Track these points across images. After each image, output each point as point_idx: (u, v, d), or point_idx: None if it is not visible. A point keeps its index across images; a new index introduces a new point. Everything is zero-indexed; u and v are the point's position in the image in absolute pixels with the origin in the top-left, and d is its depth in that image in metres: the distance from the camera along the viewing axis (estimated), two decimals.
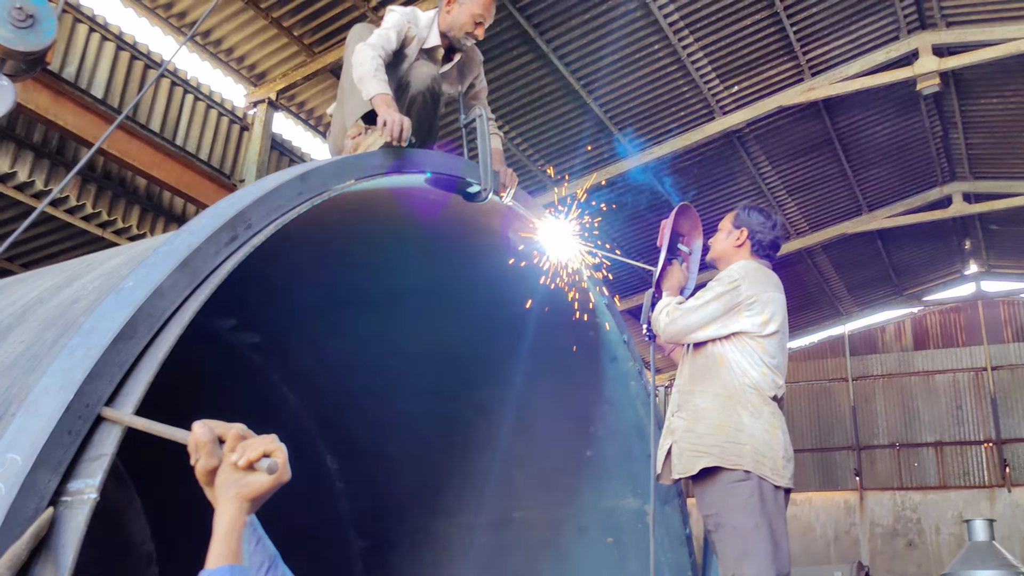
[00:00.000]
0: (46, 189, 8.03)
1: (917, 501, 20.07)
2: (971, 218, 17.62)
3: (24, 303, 2.65)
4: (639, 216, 15.04)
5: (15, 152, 7.84)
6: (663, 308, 3.99)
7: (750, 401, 3.74)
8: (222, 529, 1.70)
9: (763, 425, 3.71)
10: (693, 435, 3.78)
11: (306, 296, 4.36)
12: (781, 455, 3.71)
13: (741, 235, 4.17)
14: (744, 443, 3.66)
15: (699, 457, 3.73)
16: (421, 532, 5.15)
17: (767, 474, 3.65)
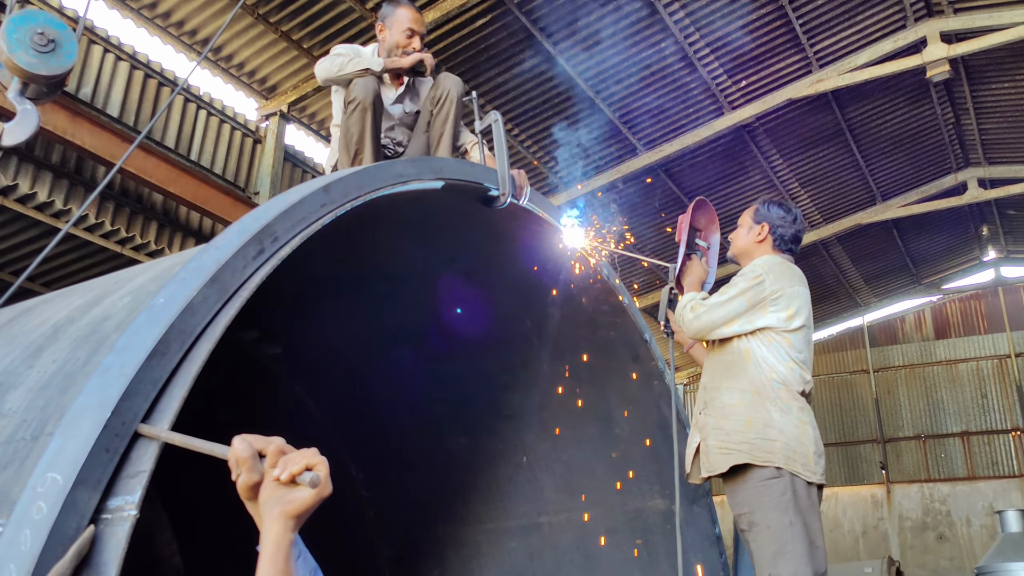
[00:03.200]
0: (65, 209, 8.11)
1: (946, 493, 19.94)
2: (987, 204, 17.53)
3: (55, 322, 2.67)
4: (652, 215, 15.04)
5: (34, 173, 7.94)
6: (687, 304, 3.99)
7: (778, 397, 3.73)
8: (269, 548, 1.70)
9: (792, 421, 3.70)
10: (722, 432, 3.78)
11: (328, 307, 4.38)
12: (812, 451, 3.70)
13: (762, 230, 4.17)
14: (774, 439, 3.65)
15: (729, 455, 3.73)
16: (448, 539, 5.16)
17: (799, 470, 3.63)
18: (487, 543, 5.03)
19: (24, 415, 2.17)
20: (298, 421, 5.02)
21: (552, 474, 4.82)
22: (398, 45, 4.66)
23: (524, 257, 4.22)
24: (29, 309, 3.24)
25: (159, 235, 9.13)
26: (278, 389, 4.95)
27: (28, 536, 1.77)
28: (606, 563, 4.70)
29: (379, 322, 4.53)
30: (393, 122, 4.74)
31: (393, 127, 4.75)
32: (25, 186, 7.80)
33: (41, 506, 1.80)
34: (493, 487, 4.98)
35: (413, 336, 4.61)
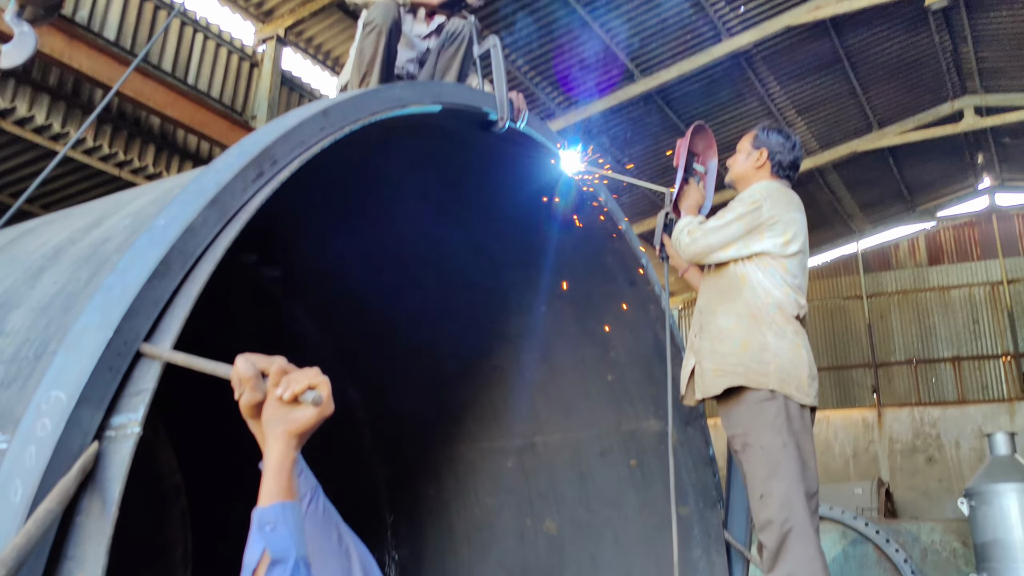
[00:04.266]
0: (63, 131, 8.08)
1: (936, 416, 20.20)
2: (983, 132, 17.44)
3: (55, 244, 2.68)
4: (647, 141, 14.95)
5: (32, 96, 7.90)
6: (684, 228, 3.98)
7: (774, 321, 3.77)
8: (272, 467, 1.74)
9: (787, 344, 3.74)
10: (717, 355, 3.82)
11: (327, 229, 4.38)
12: (806, 374, 3.75)
13: (761, 156, 4.15)
14: (769, 362, 3.69)
15: (724, 377, 3.77)
16: (444, 458, 5.24)
17: (792, 393, 3.68)
18: (482, 462, 5.11)
19: (27, 334, 2.19)
20: (297, 342, 5.06)
21: (547, 396, 4.88)
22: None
23: (521, 182, 4.21)
24: (29, 230, 3.24)
25: (157, 158, 9.10)
26: (277, 311, 4.98)
27: (33, 452, 1.80)
28: (600, 482, 4.78)
29: (377, 245, 4.53)
30: (415, 55, 4.68)
31: (414, 59, 4.68)
32: (23, 109, 7.77)
33: (45, 423, 1.83)
34: (488, 408, 5.05)
35: (410, 260, 4.63)
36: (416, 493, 5.31)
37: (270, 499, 1.72)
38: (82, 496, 1.85)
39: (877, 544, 10.55)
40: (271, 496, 1.72)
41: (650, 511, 4.63)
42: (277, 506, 1.71)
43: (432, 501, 5.26)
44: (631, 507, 4.70)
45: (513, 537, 5.00)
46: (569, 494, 4.88)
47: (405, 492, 5.35)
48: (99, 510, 1.82)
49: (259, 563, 1.67)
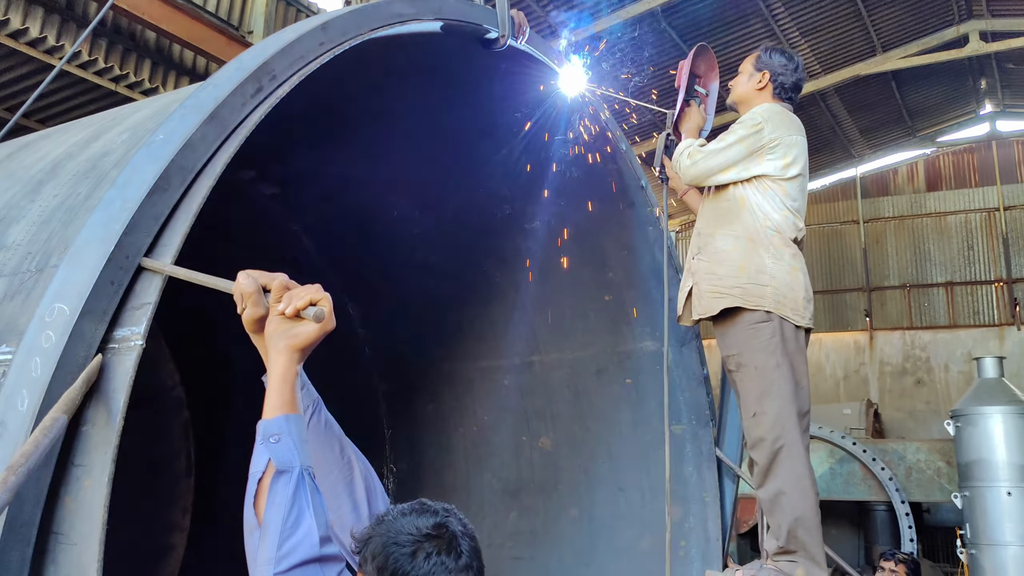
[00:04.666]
0: (58, 45, 7.95)
1: (927, 340, 20.36)
2: (987, 57, 17.18)
3: (54, 158, 2.67)
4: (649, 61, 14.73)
5: (26, 8, 7.73)
6: (684, 150, 3.97)
7: (771, 243, 3.78)
8: (275, 380, 1.77)
9: (784, 267, 3.76)
10: (714, 276, 3.84)
11: (325, 147, 4.35)
12: (802, 296, 3.78)
13: (763, 78, 4.11)
14: (766, 284, 3.72)
15: (721, 298, 3.80)
16: (442, 375, 5.30)
17: (788, 314, 3.72)
18: (480, 379, 5.17)
19: (28, 248, 2.20)
20: (295, 260, 5.07)
21: (545, 316, 4.91)
22: None
23: (521, 101, 4.17)
24: (27, 145, 3.23)
25: (153, 73, 8.96)
26: (276, 228, 4.98)
27: (38, 363, 1.83)
28: (595, 400, 4.84)
29: (376, 164, 4.51)
30: None
31: None
32: (17, 21, 7.62)
33: (50, 335, 1.85)
34: (487, 327, 5.08)
35: (410, 179, 4.61)
36: (415, 409, 5.38)
37: (274, 412, 1.75)
38: (87, 406, 1.88)
39: (863, 462, 10.77)
40: (275, 409, 1.75)
41: (643, 428, 4.71)
42: (281, 418, 1.74)
43: (430, 417, 5.33)
44: (625, 424, 4.77)
45: (509, 452, 5.08)
46: (565, 411, 4.94)
47: (404, 408, 5.42)
48: (104, 420, 1.85)
49: (264, 472, 1.71)
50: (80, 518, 1.83)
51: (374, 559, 1.76)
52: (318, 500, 1.74)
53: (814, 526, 3.68)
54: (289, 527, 1.68)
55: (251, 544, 1.73)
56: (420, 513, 1.83)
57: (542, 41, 4.00)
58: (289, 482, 1.71)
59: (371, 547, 1.78)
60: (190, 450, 5.31)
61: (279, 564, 1.66)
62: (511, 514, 5.06)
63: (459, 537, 1.80)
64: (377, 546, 1.77)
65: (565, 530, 4.88)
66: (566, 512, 4.89)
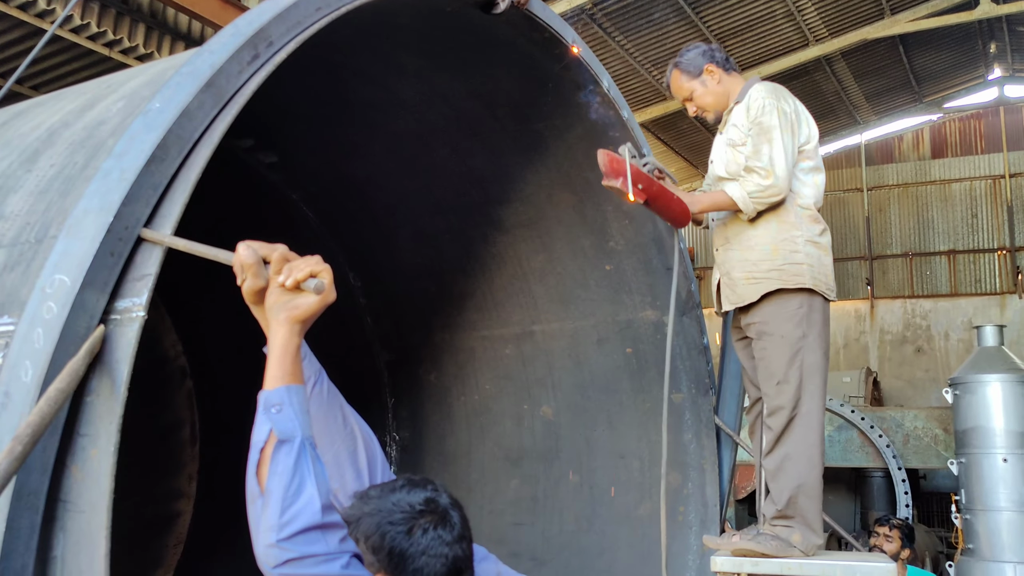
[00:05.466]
0: (48, 8, 7.84)
1: (927, 308, 20.39)
2: (998, 20, 17.00)
3: (49, 126, 2.65)
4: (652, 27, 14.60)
5: None
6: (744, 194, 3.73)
7: (802, 222, 3.79)
8: (276, 352, 1.78)
9: (816, 244, 3.79)
10: (747, 263, 3.83)
11: (322, 115, 4.33)
12: (831, 272, 3.82)
13: (713, 70, 4.03)
14: (801, 263, 3.73)
15: (758, 284, 3.79)
16: (444, 345, 5.31)
17: (822, 290, 3.76)
18: (482, 349, 5.18)
19: (27, 218, 2.19)
20: (295, 229, 5.07)
21: (546, 285, 4.91)
22: None
23: (523, 68, 4.14)
24: (20, 112, 3.21)
25: (147, 38, 8.86)
26: (275, 197, 4.97)
27: (41, 335, 1.83)
28: (596, 369, 4.86)
29: (375, 132, 4.49)
30: None
31: None
32: None
33: (51, 306, 1.85)
34: (488, 296, 5.08)
35: (409, 146, 4.58)
36: (417, 378, 5.40)
37: (275, 382, 1.77)
38: (91, 377, 1.89)
39: (861, 430, 10.86)
40: (276, 380, 1.77)
41: (644, 397, 4.73)
42: (282, 389, 1.76)
43: (432, 386, 5.35)
44: (625, 393, 4.79)
45: (511, 421, 5.11)
46: (566, 380, 4.96)
47: (406, 377, 5.44)
48: (108, 390, 1.86)
49: (266, 442, 1.74)
50: (87, 487, 1.86)
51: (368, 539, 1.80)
52: (319, 469, 1.77)
53: (816, 495, 3.71)
54: (291, 495, 1.71)
55: (254, 512, 1.76)
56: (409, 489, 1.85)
57: (545, 7, 3.96)
58: (291, 451, 1.74)
59: (363, 527, 1.81)
60: (195, 419, 5.34)
61: (281, 531, 1.69)
62: (512, 481, 5.09)
63: (450, 509, 1.84)
64: (370, 526, 1.80)
65: (565, 497, 4.91)
66: (566, 479, 4.92)
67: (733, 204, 3.75)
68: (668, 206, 3.75)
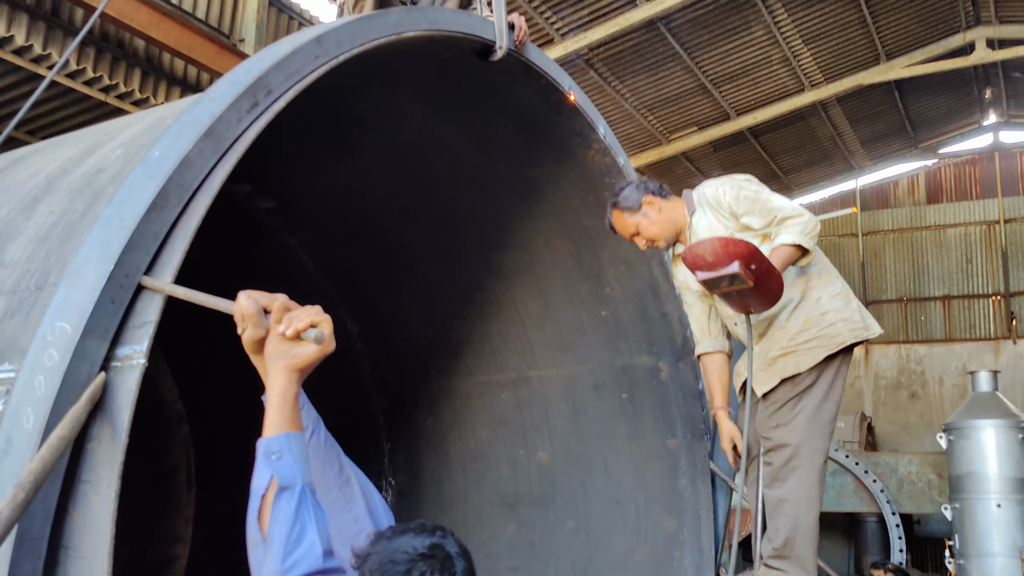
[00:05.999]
0: (45, 54, 7.88)
1: (922, 354, 20.40)
2: (993, 66, 17.20)
3: (48, 173, 2.67)
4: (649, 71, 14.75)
5: (9, 15, 7.64)
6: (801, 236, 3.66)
7: (819, 280, 3.83)
8: (275, 400, 1.79)
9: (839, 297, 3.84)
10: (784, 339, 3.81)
11: (320, 160, 4.36)
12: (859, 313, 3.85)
13: (652, 202, 3.97)
14: (833, 322, 3.76)
15: (801, 356, 3.77)
16: (441, 391, 5.31)
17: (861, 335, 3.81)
18: (478, 394, 5.18)
19: (26, 266, 2.20)
20: (293, 275, 5.07)
21: (543, 331, 4.92)
22: None
23: (520, 114, 4.18)
24: (19, 159, 3.23)
25: (143, 83, 8.91)
26: (272, 243, 4.98)
27: (42, 382, 1.84)
28: (592, 414, 4.86)
29: (372, 177, 4.52)
30: None
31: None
32: (1, 29, 7.55)
33: (52, 354, 1.86)
34: (485, 342, 5.09)
35: (406, 192, 4.61)
36: (413, 423, 5.38)
37: (274, 430, 1.78)
38: (92, 424, 1.90)
39: (856, 474, 10.84)
40: (275, 427, 1.78)
41: (640, 442, 4.72)
42: (282, 436, 1.77)
43: (429, 431, 5.34)
44: (621, 438, 4.79)
45: (507, 466, 5.09)
46: (562, 426, 4.95)
47: (403, 422, 5.42)
48: (110, 437, 1.87)
49: (267, 489, 1.75)
50: (89, 532, 1.87)
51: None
52: (320, 515, 1.79)
53: (812, 536, 3.71)
54: (293, 541, 1.73)
55: (255, 557, 1.78)
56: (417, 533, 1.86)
57: (541, 54, 4.01)
58: (292, 498, 1.76)
59: (368, 564, 1.82)
60: (191, 463, 5.32)
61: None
62: (509, 526, 5.06)
63: (454, 558, 1.84)
64: (374, 563, 1.81)
65: (562, 542, 4.89)
66: (563, 524, 4.90)
67: (797, 250, 3.64)
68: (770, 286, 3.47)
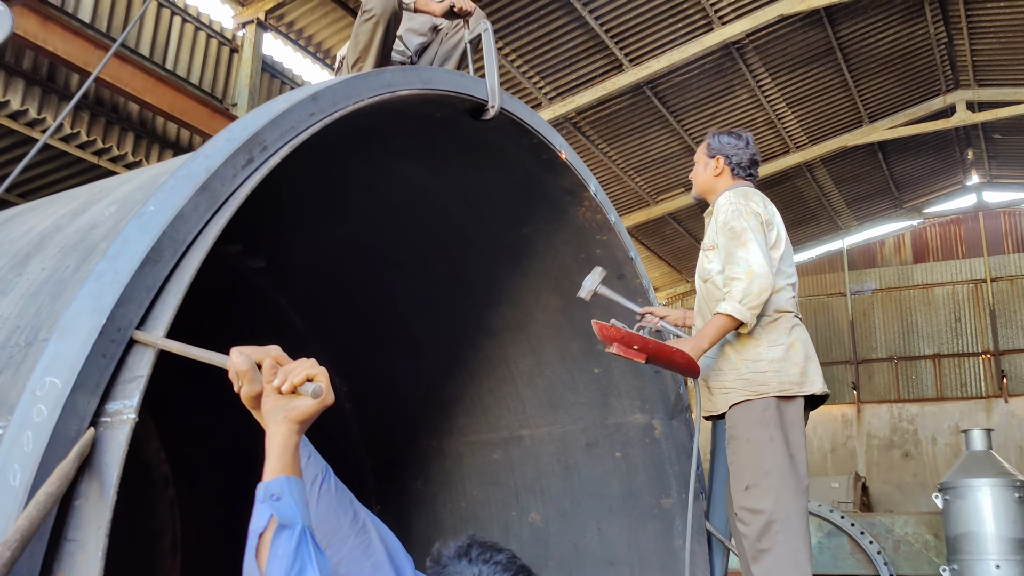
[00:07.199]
0: (39, 118, 7.96)
1: (914, 413, 20.39)
2: (974, 128, 17.52)
3: (40, 231, 2.66)
4: (636, 133, 14.94)
5: (6, 80, 7.75)
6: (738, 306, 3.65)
7: (765, 330, 3.79)
8: (276, 448, 1.77)
9: (781, 347, 3.77)
10: (719, 372, 3.86)
11: (312, 219, 4.37)
12: (800, 368, 3.76)
13: (718, 163, 4.15)
14: (764, 371, 3.73)
15: (727, 394, 3.82)
16: (431, 450, 5.25)
17: (788, 389, 3.73)
18: (469, 454, 5.12)
19: (17, 321, 2.18)
20: (282, 334, 5.04)
21: (534, 389, 4.89)
22: None
23: (512, 173, 4.21)
24: (11, 218, 3.22)
25: (136, 146, 9.00)
26: (262, 302, 4.96)
27: (30, 438, 1.81)
28: (585, 473, 4.80)
29: (363, 235, 4.53)
30: (423, 40, 4.69)
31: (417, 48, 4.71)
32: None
33: (41, 409, 1.83)
34: (476, 401, 5.05)
35: (397, 250, 4.62)
36: (403, 484, 5.31)
37: (275, 473, 1.76)
38: (80, 481, 1.86)
39: (851, 536, 10.71)
40: (275, 471, 1.76)
41: (633, 502, 4.66)
42: (282, 479, 1.75)
43: (419, 493, 5.27)
44: (615, 498, 4.72)
45: (499, 528, 5.01)
46: (554, 486, 4.89)
47: (392, 483, 5.35)
48: (98, 494, 1.83)
49: (266, 528, 1.71)
50: None
51: None
52: (321, 558, 1.76)
53: None
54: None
55: None
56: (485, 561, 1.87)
57: (531, 112, 4.05)
58: (292, 537, 1.72)
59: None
60: (176, 528, 5.22)
61: None
62: None
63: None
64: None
65: None
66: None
67: (734, 321, 3.67)
68: (672, 360, 3.66)
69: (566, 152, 4.14)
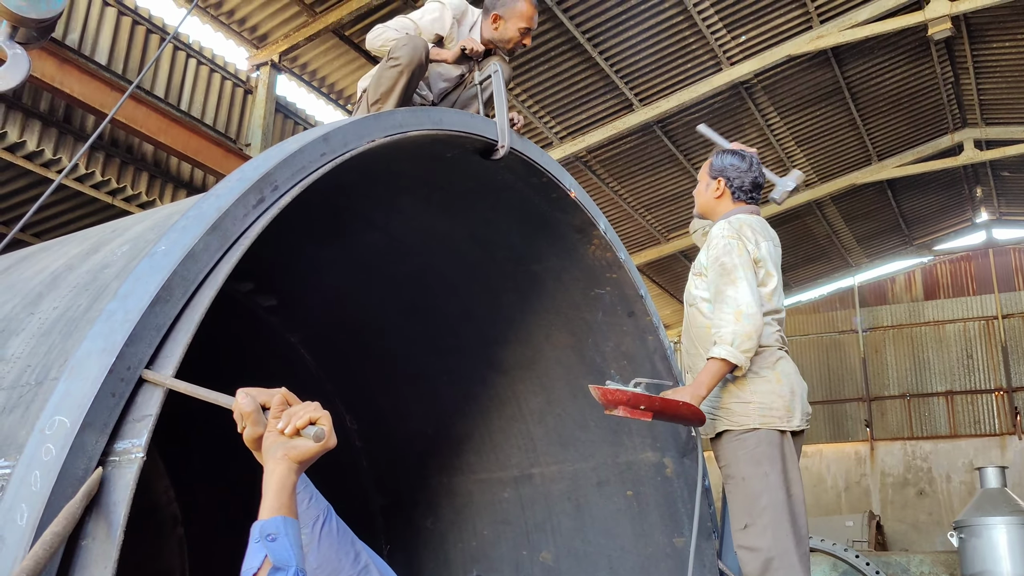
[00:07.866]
0: (55, 158, 8.05)
1: (928, 450, 20.21)
2: (982, 165, 17.54)
3: (53, 270, 2.68)
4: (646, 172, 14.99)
5: (23, 122, 7.85)
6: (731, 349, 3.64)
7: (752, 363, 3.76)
8: (273, 486, 1.76)
9: (766, 379, 3.75)
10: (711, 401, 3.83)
11: (322, 258, 4.39)
12: (787, 402, 3.73)
13: (719, 185, 4.14)
14: (749, 401, 3.71)
15: (714, 420, 3.83)
16: (441, 489, 5.22)
17: (775, 423, 3.70)
18: (479, 492, 5.09)
19: (28, 360, 2.19)
20: (293, 372, 5.05)
21: (545, 426, 4.87)
22: (511, 40, 4.63)
23: (521, 211, 4.23)
24: (26, 257, 3.24)
25: (150, 186, 9.08)
26: (273, 340, 4.97)
27: (38, 477, 1.81)
28: (596, 513, 4.76)
29: (374, 275, 4.54)
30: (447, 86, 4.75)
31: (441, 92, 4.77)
32: (14, 134, 7.72)
33: (50, 448, 1.83)
34: (486, 439, 5.03)
35: (407, 289, 4.63)
36: (413, 523, 5.28)
37: (271, 513, 1.75)
38: (87, 520, 1.85)
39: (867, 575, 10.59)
40: (272, 510, 1.75)
41: (646, 541, 4.62)
42: (279, 519, 1.74)
43: (428, 532, 5.23)
44: (626, 537, 4.68)
45: (509, 568, 4.97)
46: (566, 524, 4.85)
47: (401, 522, 5.32)
48: (105, 534, 1.82)
49: (259, 569, 1.70)
50: None
51: None
52: None
53: None
54: None
55: None
56: None
57: (542, 152, 4.08)
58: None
59: None
60: (185, 568, 5.20)
61: None
62: None
63: None
64: None
65: None
66: None
67: (728, 364, 3.65)
68: (677, 413, 3.66)
69: (576, 191, 4.16)
